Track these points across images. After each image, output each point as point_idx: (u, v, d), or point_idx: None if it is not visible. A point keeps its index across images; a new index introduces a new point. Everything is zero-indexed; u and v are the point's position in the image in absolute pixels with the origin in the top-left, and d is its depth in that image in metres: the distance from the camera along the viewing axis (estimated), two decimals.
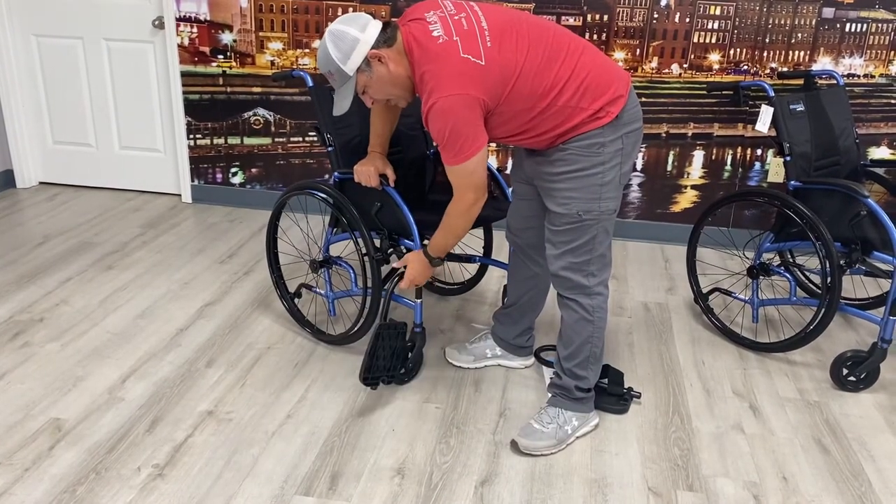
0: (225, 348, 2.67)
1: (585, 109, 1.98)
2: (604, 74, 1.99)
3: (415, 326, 2.45)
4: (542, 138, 2.04)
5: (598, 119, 1.98)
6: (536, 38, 1.96)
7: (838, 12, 3.39)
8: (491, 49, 1.91)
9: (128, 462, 2.08)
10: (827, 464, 2.17)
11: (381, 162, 2.39)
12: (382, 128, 2.39)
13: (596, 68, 1.99)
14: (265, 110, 3.96)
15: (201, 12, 3.83)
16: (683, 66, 3.57)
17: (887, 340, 2.45)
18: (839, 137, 2.80)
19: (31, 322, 2.81)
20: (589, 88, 1.97)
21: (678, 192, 3.75)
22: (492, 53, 1.91)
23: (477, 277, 3.00)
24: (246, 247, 3.59)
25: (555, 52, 1.96)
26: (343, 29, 1.97)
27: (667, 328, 2.92)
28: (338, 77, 2.01)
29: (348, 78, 2.00)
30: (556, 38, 1.98)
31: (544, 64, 1.95)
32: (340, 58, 1.97)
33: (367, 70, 1.99)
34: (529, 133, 2.03)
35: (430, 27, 1.94)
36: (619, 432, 2.28)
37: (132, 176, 4.28)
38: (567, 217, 2.07)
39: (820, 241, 2.48)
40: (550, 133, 2.02)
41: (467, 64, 1.89)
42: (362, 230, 2.42)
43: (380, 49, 1.97)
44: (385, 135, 2.40)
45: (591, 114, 1.98)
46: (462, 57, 1.89)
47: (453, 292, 3.06)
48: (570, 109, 1.97)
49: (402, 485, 2.03)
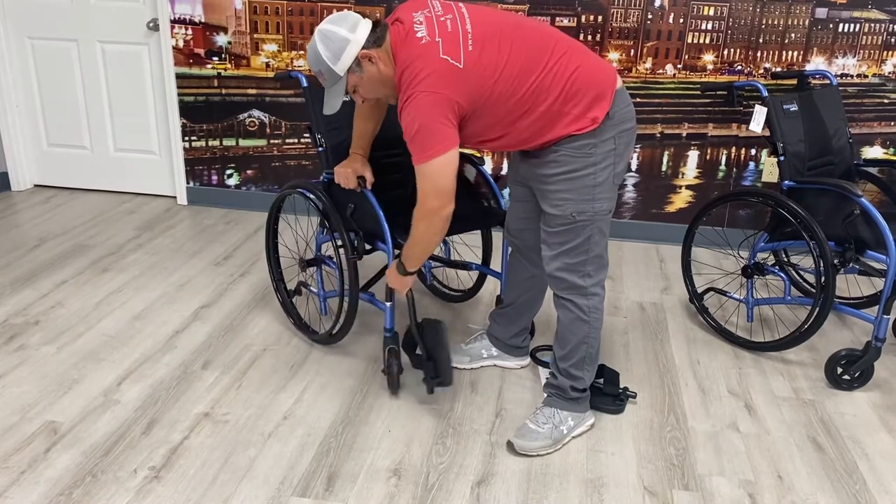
0: (221, 350, 2.67)
1: (568, 114, 1.98)
2: (589, 76, 1.98)
3: (385, 331, 2.42)
4: (530, 143, 2.04)
5: (582, 125, 1.98)
6: (520, 41, 1.95)
7: (831, 12, 3.41)
8: (471, 53, 1.91)
9: (124, 464, 2.08)
10: (822, 462, 2.18)
11: (361, 164, 2.39)
12: (365, 129, 2.39)
13: (581, 71, 1.98)
14: (260, 112, 3.96)
15: (196, 14, 3.83)
16: (677, 67, 3.58)
17: (881, 339, 2.46)
18: (833, 137, 2.82)
19: (26, 325, 2.81)
20: (572, 92, 1.97)
21: (673, 192, 3.76)
22: (471, 57, 1.91)
23: (478, 285, 2.98)
24: (241, 249, 3.59)
25: (538, 54, 1.95)
26: (332, 29, 1.97)
27: (662, 328, 2.93)
28: (328, 77, 2.01)
29: (339, 78, 2.01)
30: (541, 40, 1.97)
31: (526, 68, 1.94)
32: (331, 58, 1.97)
33: (357, 70, 2.00)
34: (514, 137, 2.03)
35: (416, 27, 1.94)
36: (614, 432, 2.28)
37: (127, 178, 4.27)
38: (561, 218, 2.07)
39: (814, 241, 2.49)
40: (537, 139, 2.02)
41: (445, 65, 1.89)
42: (340, 230, 2.42)
43: (370, 49, 1.97)
44: (367, 136, 2.40)
45: (575, 117, 1.98)
46: (441, 58, 1.90)
47: (457, 299, 3.04)
48: (552, 114, 1.98)
49: (398, 485, 2.03)
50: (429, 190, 1.96)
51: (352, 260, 2.42)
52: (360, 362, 2.61)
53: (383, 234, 2.35)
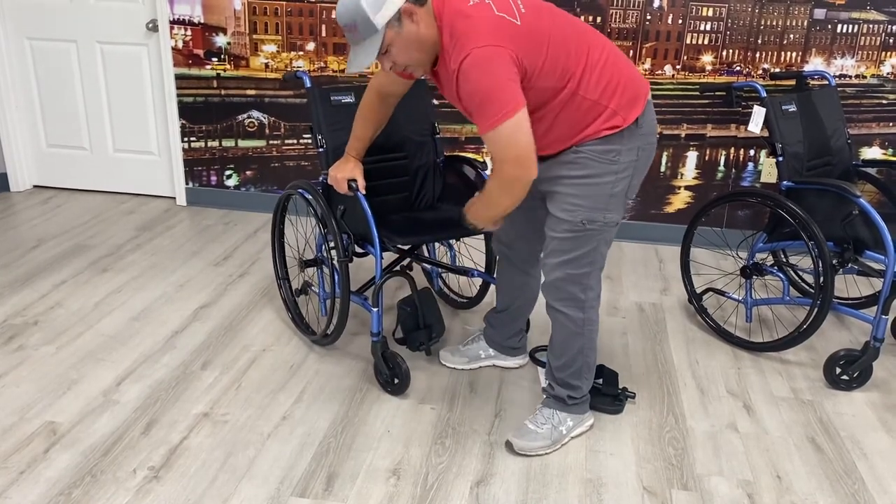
0: (220, 350, 2.67)
1: (606, 108, 1.92)
2: (628, 75, 1.96)
3: (371, 336, 2.42)
4: (566, 141, 1.96)
5: (615, 123, 1.92)
6: (563, 20, 1.91)
7: (829, 13, 3.41)
8: (525, 14, 1.83)
9: (123, 465, 2.08)
10: (820, 462, 2.18)
11: (353, 165, 2.34)
12: (364, 132, 2.33)
13: (621, 66, 1.95)
14: (259, 113, 3.96)
15: (195, 15, 3.83)
16: (676, 68, 3.58)
17: (879, 339, 2.46)
18: (831, 138, 2.82)
19: (25, 325, 2.81)
20: (612, 84, 1.91)
21: (672, 192, 3.77)
22: (527, 18, 1.82)
23: (482, 292, 2.96)
24: (241, 249, 3.59)
25: (581, 38, 1.90)
26: None
27: (661, 328, 2.94)
28: (362, 29, 1.83)
29: (375, 31, 1.82)
30: (583, 28, 1.94)
31: (571, 46, 1.88)
32: (371, 7, 1.79)
33: (396, 26, 1.83)
34: (555, 133, 1.95)
35: None
36: (613, 432, 2.28)
37: (126, 179, 4.27)
38: (569, 224, 2.01)
39: (812, 241, 2.49)
40: (573, 135, 1.95)
41: (502, 21, 1.78)
42: (333, 232, 2.42)
43: (413, 5, 1.83)
44: (365, 139, 2.34)
45: (611, 112, 1.92)
46: (497, 14, 1.79)
47: (463, 306, 3.04)
48: (591, 105, 1.91)
49: (397, 485, 2.03)
50: (507, 157, 1.80)
51: (342, 262, 2.42)
52: (360, 362, 2.61)
53: (372, 238, 2.35)
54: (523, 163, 1.80)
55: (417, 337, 2.46)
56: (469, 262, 3.45)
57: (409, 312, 2.45)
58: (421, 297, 2.45)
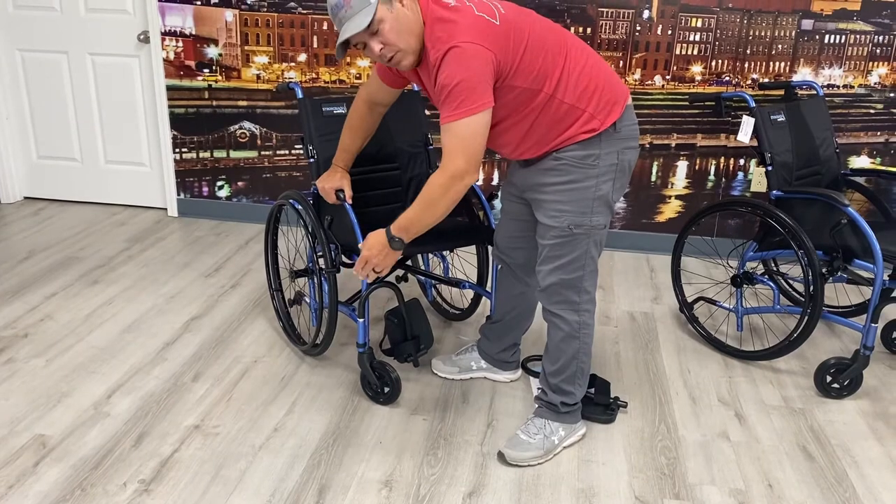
0: (211, 362, 2.67)
1: (584, 111, 1.96)
2: (606, 80, 1.99)
3: (358, 346, 2.42)
4: (543, 146, 2.01)
5: (592, 126, 1.96)
6: (542, 25, 1.96)
7: (817, 24, 3.45)
8: (504, 15, 1.90)
9: (114, 478, 2.06)
10: (811, 470, 2.19)
11: (341, 176, 2.37)
12: (352, 143, 2.36)
13: (601, 72, 1.99)
14: (251, 123, 3.97)
15: (187, 26, 3.84)
16: (666, 78, 3.61)
17: (870, 347, 2.47)
18: (820, 147, 2.84)
19: (15, 338, 2.79)
20: (591, 88, 1.96)
21: (662, 202, 3.78)
22: (505, 18, 1.89)
23: (474, 304, 2.95)
24: (232, 260, 3.58)
25: (560, 42, 1.95)
26: None
27: (652, 337, 2.94)
28: (355, 2, 1.85)
29: (368, 4, 1.85)
30: (561, 33, 1.98)
31: (554, 49, 1.93)
32: None
33: (388, 4, 1.87)
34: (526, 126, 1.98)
35: None
36: (605, 442, 2.29)
37: (118, 190, 4.26)
38: (557, 230, 2.05)
39: (802, 250, 2.51)
40: (550, 139, 1.99)
41: (482, 21, 1.86)
42: (321, 242, 2.42)
43: None
44: (352, 150, 2.37)
45: (589, 116, 1.96)
46: (477, 14, 1.87)
47: (457, 317, 3.04)
48: (568, 109, 1.95)
49: (389, 497, 2.03)
50: (457, 149, 1.84)
51: (330, 272, 2.42)
52: (351, 373, 2.61)
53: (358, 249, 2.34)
54: (471, 160, 1.85)
55: (405, 348, 2.45)
56: (461, 273, 3.45)
57: (396, 323, 2.45)
58: (408, 308, 2.45)
